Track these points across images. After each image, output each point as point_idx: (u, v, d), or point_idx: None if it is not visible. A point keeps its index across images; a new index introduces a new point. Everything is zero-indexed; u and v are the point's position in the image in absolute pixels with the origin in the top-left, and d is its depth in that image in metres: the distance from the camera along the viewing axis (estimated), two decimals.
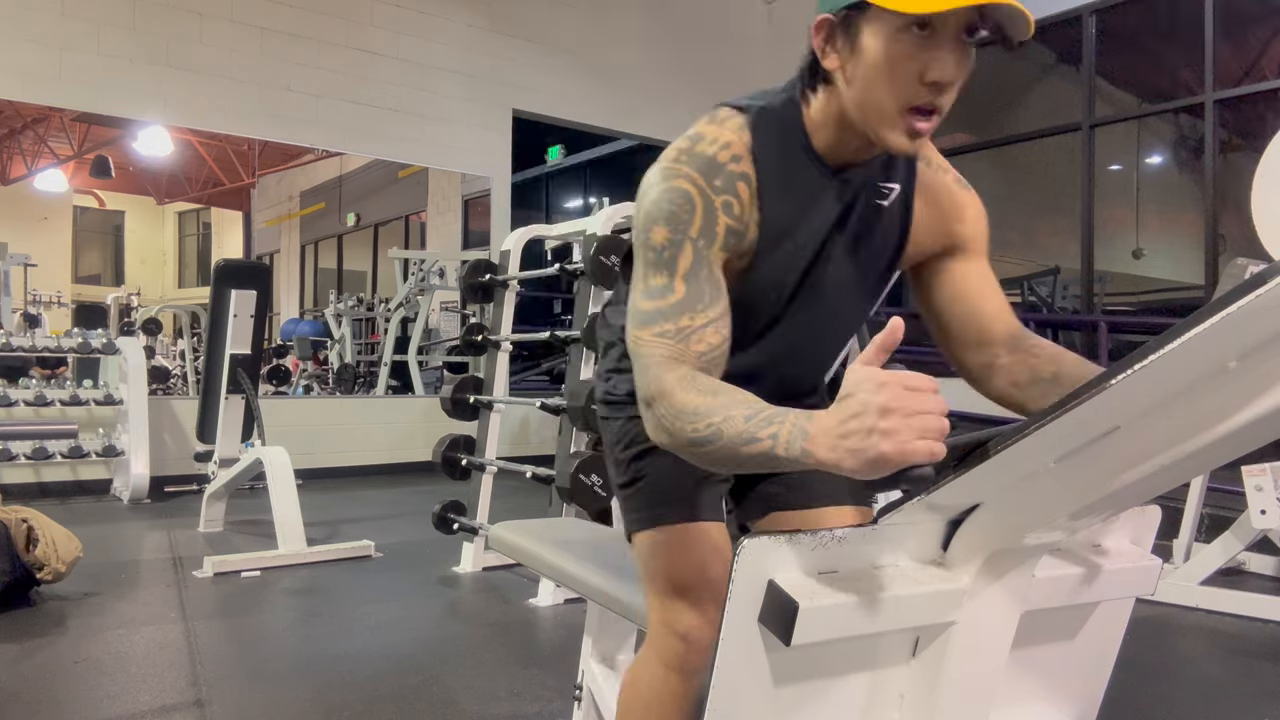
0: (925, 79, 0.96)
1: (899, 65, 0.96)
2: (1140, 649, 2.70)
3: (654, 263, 1.04)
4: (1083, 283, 6.56)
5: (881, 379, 0.77)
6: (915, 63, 0.96)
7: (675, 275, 1.03)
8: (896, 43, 0.95)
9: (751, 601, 0.85)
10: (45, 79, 5.53)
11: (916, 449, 0.75)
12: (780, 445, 0.84)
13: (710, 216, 1.05)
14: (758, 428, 0.87)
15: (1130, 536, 1.10)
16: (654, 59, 8.02)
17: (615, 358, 1.38)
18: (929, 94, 0.97)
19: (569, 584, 1.57)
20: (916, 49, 0.95)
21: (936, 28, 0.94)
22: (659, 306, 1.02)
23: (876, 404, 0.76)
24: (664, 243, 1.03)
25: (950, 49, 0.95)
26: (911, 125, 0.99)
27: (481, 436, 3.75)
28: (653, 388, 0.98)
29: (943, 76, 0.96)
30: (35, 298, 6.31)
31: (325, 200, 8.34)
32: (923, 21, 0.94)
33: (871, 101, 1.00)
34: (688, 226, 1.03)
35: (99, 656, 2.55)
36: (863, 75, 1.00)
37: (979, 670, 0.94)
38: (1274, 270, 0.60)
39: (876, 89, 0.99)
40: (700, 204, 1.04)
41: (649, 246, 1.05)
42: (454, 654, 2.64)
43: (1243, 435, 0.70)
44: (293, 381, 7.87)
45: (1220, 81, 5.84)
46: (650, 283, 1.04)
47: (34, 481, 5.40)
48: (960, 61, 0.96)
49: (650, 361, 1.00)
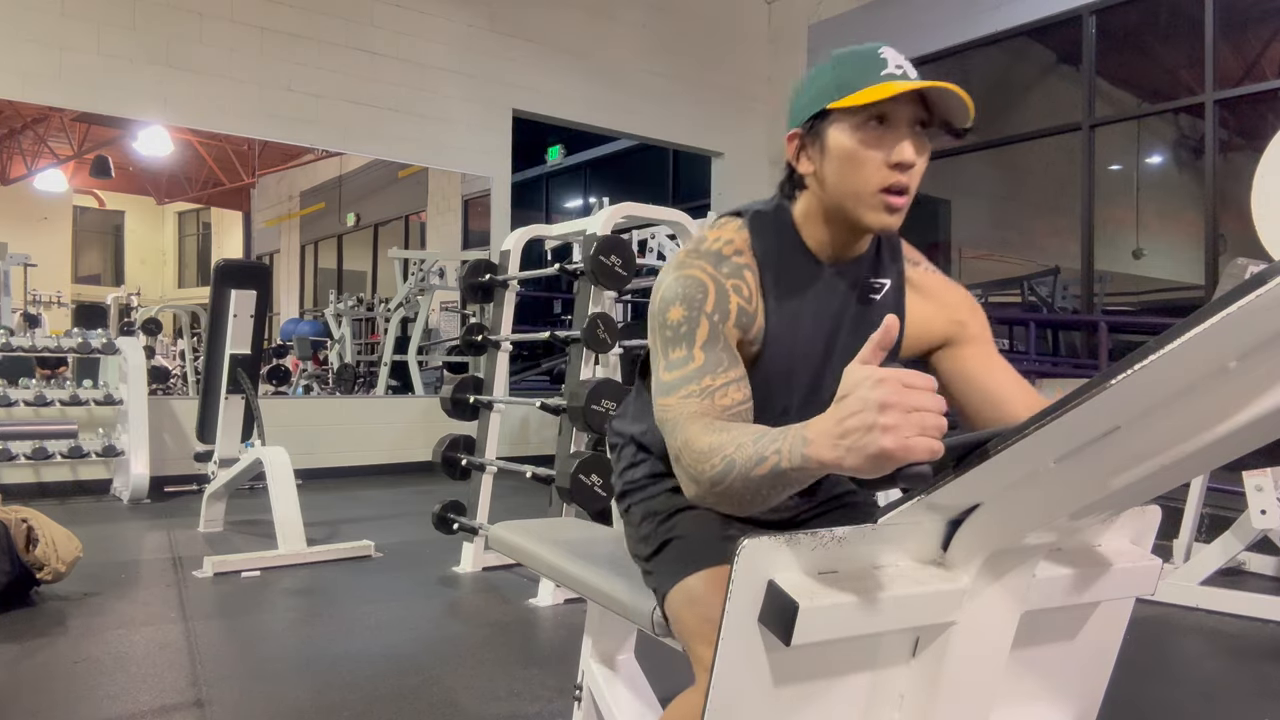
0: (890, 162, 1.11)
1: (866, 153, 1.11)
2: (1140, 649, 2.70)
3: (672, 339, 1.13)
4: (1083, 283, 6.56)
5: (879, 375, 0.77)
6: (880, 149, 1.11)
7: (694, 346, 1.11)
8: (861, 135, 1.11)
9: (751, 601, 0.85)
10: (45, 79, 5.53)
11: (917, 445, 0.75)
12: (784, 458, 0.86)
13: (722, 295, 1.14)
14: (763, 448, 0.89)
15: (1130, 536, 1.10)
16: (654, 59, 8.02)
17: (629, 456, 1.44)
18: (896, 174, 1.11)
19: (569, 584, 1.57)
20: (879, 138, 1.11)
21: (891, 120, 1.10)
22: (682, 374, 1.10)
23: (875, 400, 0.76)
24: (680, 319, 1.13)
25: (906, 136, 1.11)
26: (887, 203, 1.12)
27: (481, 436, 3.75)
28: (679, 440, 1.03)
29: (905, 158, 1.10)
30: (35, 298, 6.32)
31: (325, 200, 8.34)
32: (880, 116, 1.10)
33: (849, 189, 1.14)
34: (702, 304, 1.13)
35: (99, 656, 2.55)
36: (836, 169, 1.14)
37: (979, 670, 0.94)
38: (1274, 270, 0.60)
39: (851, 177, 1.13)
40: (712, 286, 1.14)
41: (666, 326, 1.14)
42: (454, 654, 2.64)
43: (1243, 435, 0.70)
44: (293, 381, 7.87)
45: (1220, 81, 5.85)
46: (670, 357, 1.12)
47: (34, 481, 5.40)
48: (917, 147, 1.11)
49: (678, 419, 1.06)
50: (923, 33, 7.35)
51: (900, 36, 7.47)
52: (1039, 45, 7.27)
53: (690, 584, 1.20)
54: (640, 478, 1.40)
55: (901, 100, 1.10)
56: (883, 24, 7.58)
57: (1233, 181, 5.88)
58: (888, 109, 1.10)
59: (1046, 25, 6.73)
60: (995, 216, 8.96)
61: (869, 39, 1.19)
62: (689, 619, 1.18)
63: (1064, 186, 6.87)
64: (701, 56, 8.23)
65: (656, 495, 1.36)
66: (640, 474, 1.41)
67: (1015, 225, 8.88)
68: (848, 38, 6.17)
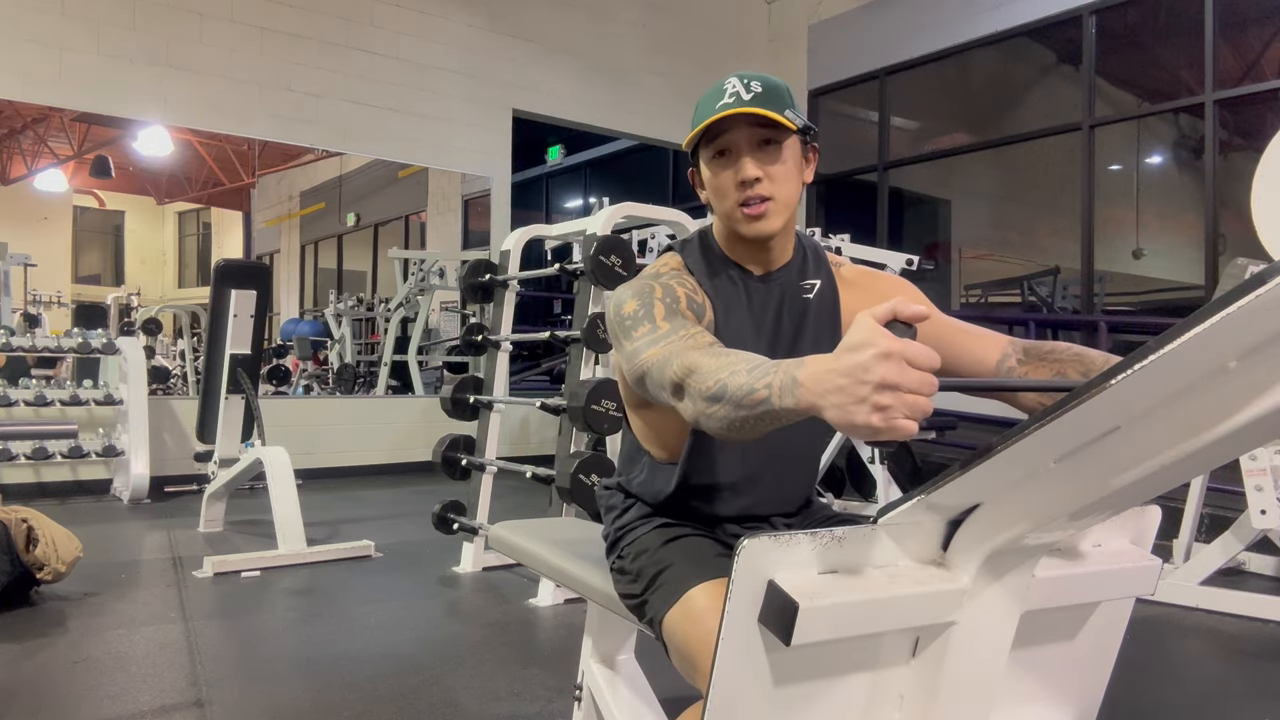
0: (737, 182, 1.27)
1: (720, 179, 1.29)
2: (1140, 649, 2.70)
3: (631, 326, 1.18)
4: (1083, 283, 6.56)
5: (888, 348, 0.77)
6: (728, 174, 1.28)
7: (655, 320, 1.17)
8: (714, 165, 1.30)
9: (751, 601, 0.85)
10: (45, 79, 5.53)
11: (900, 426, 0.77)
12: (775, 394, 0.86)
13: (668, 289, 1.24)
14: (755, 379, 0.89)
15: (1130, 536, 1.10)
16: (654, 59, 8.02)
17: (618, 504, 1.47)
18: (746, 191, 1.27)
19: (569, 584, 1.57)
20: (725, 164, 1.29)
21: (730, 150, 1.28)
22: (653, 336, 1.14)
23: (878, 375, 0.76)
24: (635, 308, 1.20)
25: (748, 156, 1.26)
26: (747, 214, 1.28)
27: (481, 436, 3.75)
28: (676, 366, 1.03)
29: (746, 175, 1.26)
30: (35, 298, 6.31)
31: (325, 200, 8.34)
32: (720, 149, 1.28)
33: (722, 210, 1.32)
34: (652, 293, 1.22)
35: (99, 656, 2.55)
36: (711, 196, 1.33)
37: (979, 670, 0.94)
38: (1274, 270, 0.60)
39: (719, 202, 1.31)
40: (657, 284, 1.24)
41: (623, 319, 1.21)
42: (454, 654, 2.64)
43: (1243, 435, 0.70)
44: (293, 381, 7.86)
45: (1220, 81, 5.84)
46: (634, 335, 1.16)
47: (34, 481, 5.40)
48: (761, 159, 1.26)
49: (671, 354, 1.07)
50: (923, 33, 7.35)
51: (900, 36, 7.47)
52: (1039, 45, 7.27)
53: (691, 598, 1.20)
54: (630, 520, 1.41)
55: (734, 126, 1.26)
56: (882, 24, 7.58)
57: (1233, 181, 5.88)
58: (724, 140, 1.27)
59: (1046, 25, 6.73)
60: (995, 216, 8.96)
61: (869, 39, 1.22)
62: (691, 635, 1.17)
63: (1064, 186, 6.87)
64: (701, 56, 8.23)
65: (647, 533, 1.36)
66: (630, 517, 1.42)
67: (1015, 225, 8.87)
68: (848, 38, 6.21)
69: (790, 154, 1.28)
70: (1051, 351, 1.22)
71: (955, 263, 8.48)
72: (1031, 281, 7.83)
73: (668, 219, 3.81)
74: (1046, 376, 1.21)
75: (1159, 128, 7.66)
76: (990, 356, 1.28)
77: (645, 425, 1.42)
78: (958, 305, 7.97)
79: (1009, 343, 1.29)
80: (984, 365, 1.29)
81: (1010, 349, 1.28)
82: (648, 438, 1.42)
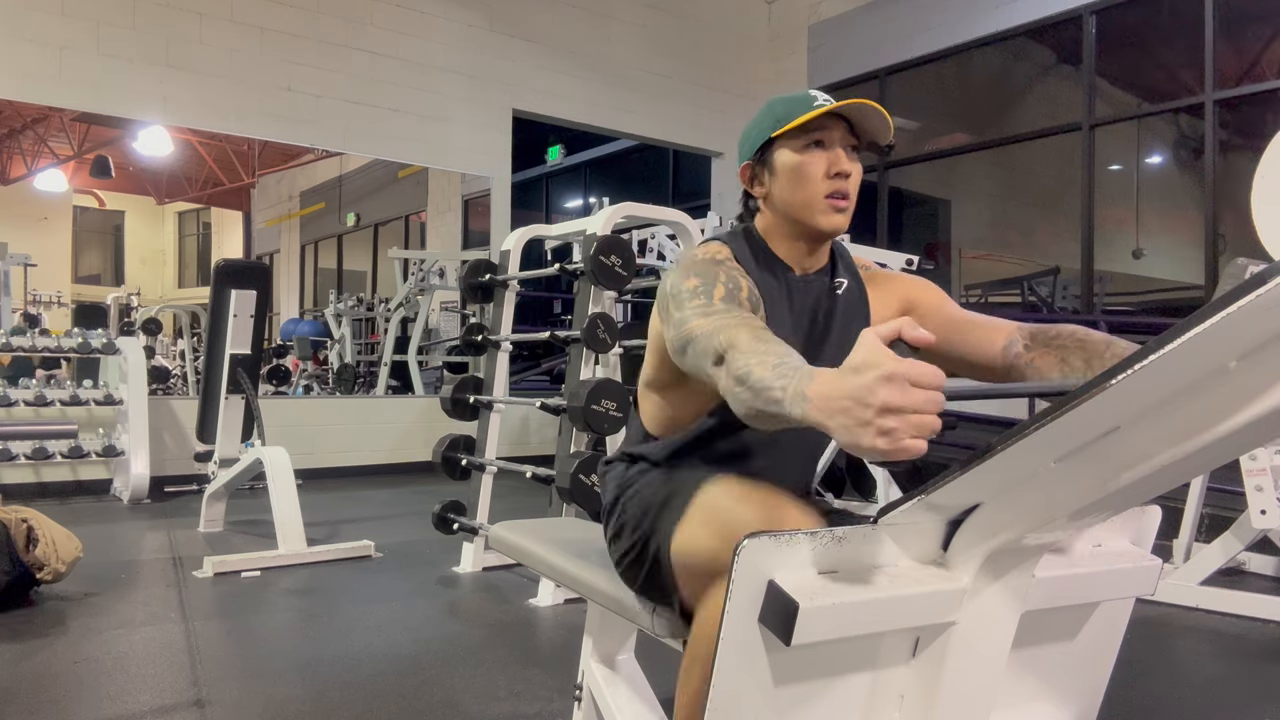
0: (830, 173, 1.32)
1: (810, 168, 1.32)
2: (1140, 649, 2.70)
3: (687, 297, 1.17)
4: (1083, 283, 6.56)
5: (890, 371, 0.77)
6: (820, 164, 1.32)
7: (713, 298, 1.16)
8: (803, 155, 1.33)
9: (751, 601, 0.85)
10: (45, 79, 5.53)
11: (907, 446, 0.76)
12: (786, 401, 0.87)
13: (733, 278, 1.23)
14: (775, 378, 0.90)
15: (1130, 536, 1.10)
16: (654, 59, 8.01)
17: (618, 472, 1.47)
18: (838, 182, 1.32)
19: (569, 584, 1.57)
20: (818, 156, 1.32)
21: (826, 141, 1.33)
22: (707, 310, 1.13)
23: (880, 399, 0.77)
24: (697, 284, 1.19)
25: (841, 152, 1.32)
26: (834, 205, 1.32)
27: (481, 436, 3.75)
28: (722, 339, 1.03)
29: (842, 168, 1.31)
30: (35, 298, 6.31)
31: (325, 200, 8.34)
32: (816, 140, 1.32)
33: (800, 199, 1.33)
34: (716, 276, 1.21)
35: (99, 656, 2.55)
36: (786, 185, 1.34)
37: (979, 670, 0.94)
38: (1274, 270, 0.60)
39: (801, 190, 1.33)
40: (721, 269, 1.24)
41: (680, 290, 1.19)
42: (454, 654, 2.64)
43: (1243, 435, 0.70)
44: (293, 381, 7.87)
45: (1220, 81, 5.84)
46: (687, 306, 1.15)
47: (34, 481, 5.40)
48: (851, 161, 1.33)
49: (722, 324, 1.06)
50: (922, 33, 7.35)
51: (900, 36, 7.47)
52: (1039, 45, 7.27)
53: (707, 493, 1.16)
54: (632, 476, 1.42)
55: (832, 125, 1.32)
56: (882, 24, 7.57)
57: (1233, 181, 5.88)
58: (822, 133, 1.32)
59: (1046, 25, 6.73)
60: (995, 216, 8.96)
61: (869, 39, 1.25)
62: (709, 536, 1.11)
63: (1064, 186, 6.87)
64: (701, 57, 8.23)
65: (651, 478, 1.38)
66: (632, 474, 1.42)
67: (1015, 225, 8.87)
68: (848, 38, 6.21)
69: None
70: (1057, 336, 1.24)
71: (955, 263, 8.48)
72: (1031, 281, 7.82)
73: (668, 219, 3.81)
74: (1051, 362, 1.23)
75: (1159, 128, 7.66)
76: (998, 342, 1.31)
77: (661, 408, 1.41)
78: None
79: (1016, 328, 1.31)
80: (991, 352, 1.31)
81: (1017, 334, 1.30)
82: (659, 422, 1.42)
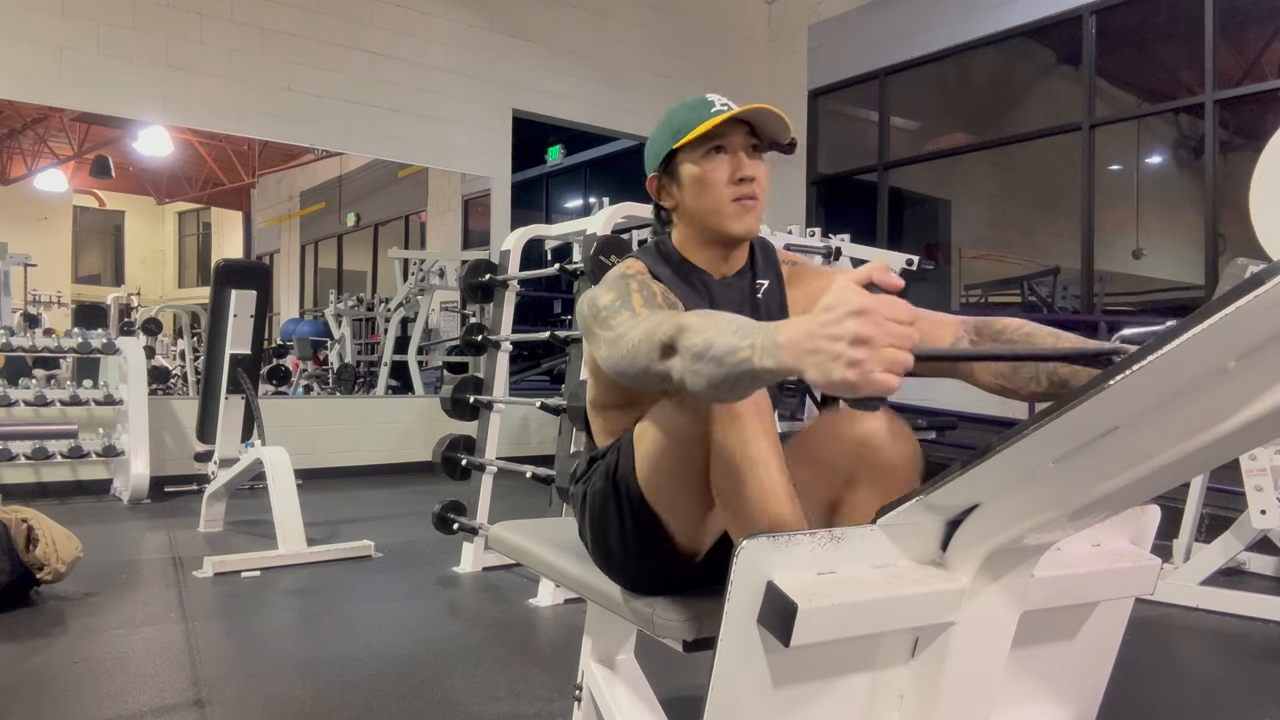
0: (735, 178, 1.36)
1: (714, 175, 1.37)
2: (1140, 649, 2.70)
3: (608, 315, 1.19)
4: (1083, 283, 6.55)
5: (862, 304, 0.78)
6: (724, 170, 1.37)
7: (634, 308, 1.18)
8: (706, 162, 1.37)
9: (751, 602, 0.85)
10: (45, 79, 5.53)
11: (878, 380, 0.77)
12: (757, 354, 0.86)
13: (645, 285, 1.26)
14: (739, 339, 0.90)
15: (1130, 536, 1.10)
16: (654, 60, 8.01)
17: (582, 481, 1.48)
18: (742, 187, 1.36)
19: (569, 584, 1.57)
20: (721, 161, 1.37)
21: (727, 147, 1.37)
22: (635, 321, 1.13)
23: (851, 330, 0.77)
24: (613, 299, 1.21)
25: (743, 155, 1.37)
26: (743, 207, 1.36)
27: (481, 436, 3.75)
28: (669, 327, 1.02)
29: (745, 172, 1.36)
30: (35, 298, 6.31)
31: (325, 200, 8.33)
32: (717, 146, 1.36)
33: (708, 206, 1.38)
34: (628, 287, 1.23)
35: (99, 656, 2.55)
36: (693, 195, 1.39)
37: (979, 670, 0.94)
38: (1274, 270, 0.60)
39: (707, 197, 1.37)
40: (634, 281, 1.26)
41: (599, 309, 1.22)
42: (454, 654, 2.64)
43: (1242, 435, 0.70)
44: (293, 381, 7.86)
45: (1220, 81, 5.84)
46: (613, 323, 1.17)
47: (34, 481, 5.40)
48: (754, 162, 1.37)
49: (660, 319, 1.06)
50: (922, 33, 7.35)
51: (899, 36, 7.47)
52: (1039, 45, 7.27)
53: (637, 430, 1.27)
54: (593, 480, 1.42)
55: (731, 130, 1.35)
56: (882, 24, 7.57)
57: (1233, 181, 5.88)
58: (722, 139, 1.36)
59: (1046, 25, 6.73)
60: (995, 216, 8.96)
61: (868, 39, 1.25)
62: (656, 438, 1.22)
63: (1064, 186, 6.87)
64: (701, 57, 8.22)
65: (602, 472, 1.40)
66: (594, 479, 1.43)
67: (1015, 225, 8.87)
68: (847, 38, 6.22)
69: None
70: (1002, 331, 1.26)
71: (955, 263, 8.48)
72: (1031, 281, 7.83)
73: None
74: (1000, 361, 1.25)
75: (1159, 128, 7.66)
76: (945, 338, 1.31)
77: (610, 421, 1.46)
78: (957, 305, 7.96)
79: (961, 323, 1.32)
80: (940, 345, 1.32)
81: (963, 329, 1.30)
82: (610, 435, 1.46)
